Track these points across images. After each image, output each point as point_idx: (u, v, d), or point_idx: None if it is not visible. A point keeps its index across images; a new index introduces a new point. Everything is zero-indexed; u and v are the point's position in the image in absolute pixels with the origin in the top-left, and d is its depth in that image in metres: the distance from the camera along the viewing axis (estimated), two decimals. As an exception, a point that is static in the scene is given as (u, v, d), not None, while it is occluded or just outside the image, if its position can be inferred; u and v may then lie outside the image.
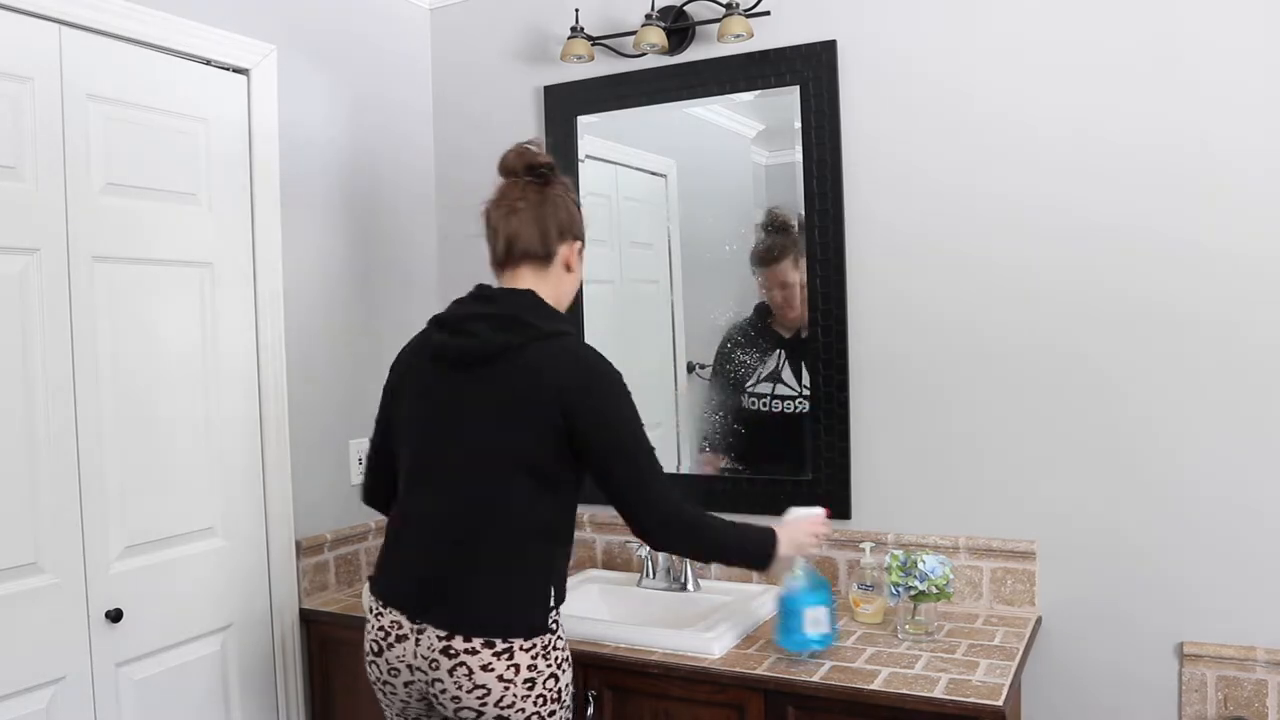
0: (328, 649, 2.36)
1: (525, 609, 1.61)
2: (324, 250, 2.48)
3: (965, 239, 2.16)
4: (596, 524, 2.60)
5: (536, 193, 1.68)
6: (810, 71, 2.29)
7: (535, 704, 1.59)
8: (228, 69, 2.22)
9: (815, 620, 1.86)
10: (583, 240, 1.75)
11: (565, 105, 2.60)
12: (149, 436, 2.03)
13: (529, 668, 1.59)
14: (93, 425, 1.92)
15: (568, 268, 1.72)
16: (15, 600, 1.78)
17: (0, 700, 1.75)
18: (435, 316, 1.73)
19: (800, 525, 1.79)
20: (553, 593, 1.65)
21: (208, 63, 2.18)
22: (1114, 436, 2.05)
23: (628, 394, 1.65)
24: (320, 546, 2.43)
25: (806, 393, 2.34)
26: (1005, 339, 2.14)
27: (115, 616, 1.93)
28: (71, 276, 1.89)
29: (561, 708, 1.65)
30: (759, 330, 2.42)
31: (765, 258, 2.38)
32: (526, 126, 2.68)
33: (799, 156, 2.31)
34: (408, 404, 1.73)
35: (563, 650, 1.66)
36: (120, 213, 1.98)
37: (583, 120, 2.59)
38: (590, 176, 2.60)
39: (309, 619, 2.36)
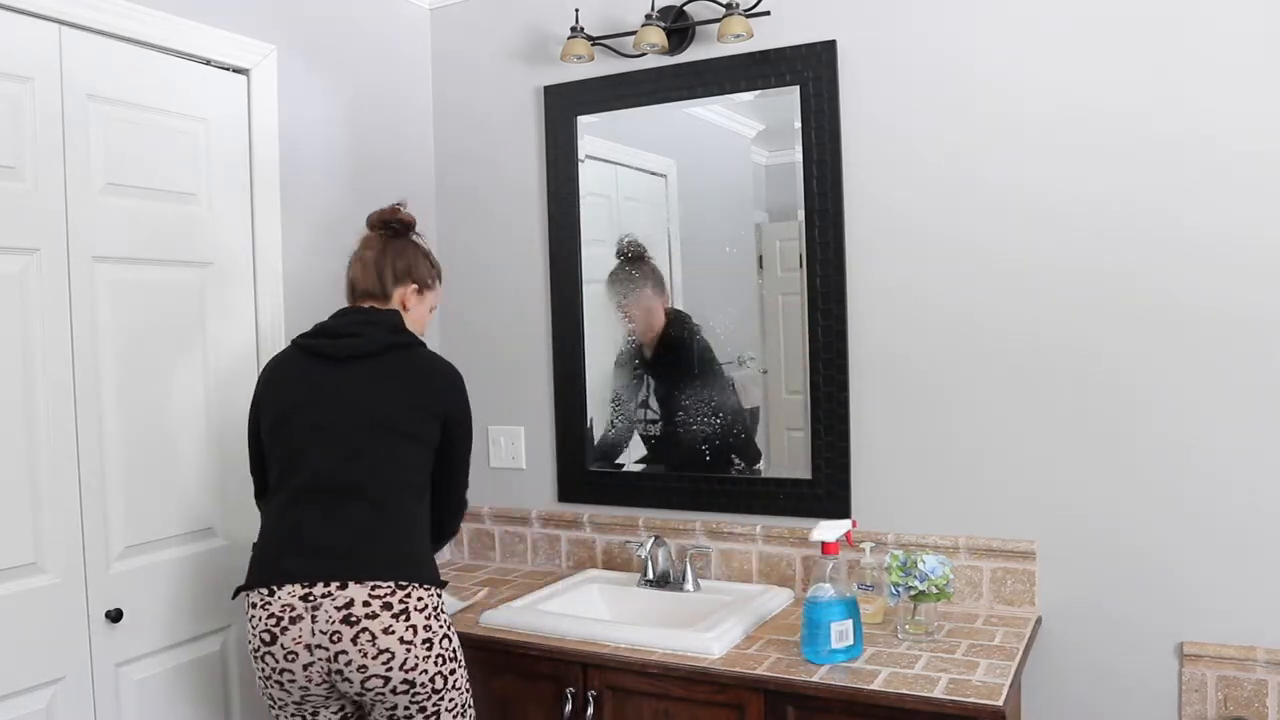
0: (328, 649, 2.36)
1: (420, 557, 1.78)
2: (324, 249, 2.48)
3: (965, 239, 2.17)
4: (596, 524, 2.60)
5: (382, 242, 1.96)
6: (810, 71, 2.29)
7: (436, 664, 1.72)
8: (228, 69, 2.22)
9: (841, 634, 1.86)
10: (422, 286, 1.97)
11: (565, 105, 2.60)
12: (149, 436, 2.04)
13: (424, 628, 1.71)
14: (93, 425, 1.92)
15: (404, 306, 1.95)
16: (15, 600, 1.78)
17: (0, 700, 1.75)
18: (307, 333, 1.91)
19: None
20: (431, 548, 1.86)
21: (208, 63, 2.18)
22: (1114, 436, 2.05)
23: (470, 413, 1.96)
24: (320, 546, 2.42)
25: (660, 417, 2.52)
26: (1006, 339, 2.14)
27: (115, 616, 1.93)
28: (71, 276, 1.89)
29: (459, 666, 1.78)
30: (633, 360, 2.55)
31: (625, 286, 2.56)
32: (526, 126, 2.68)
33: (799, 156, 2.31)
34: (280, 403, 1.85)
35: (447, 613, 1.82)
36: (120, 213, 1.98)
37: (583, 120, 2.59)
38: (590, 176, 2.60)
39: (309, 619, 2.36)
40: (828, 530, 1.92)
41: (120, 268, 1.99)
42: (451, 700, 1.75)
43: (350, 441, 1.77)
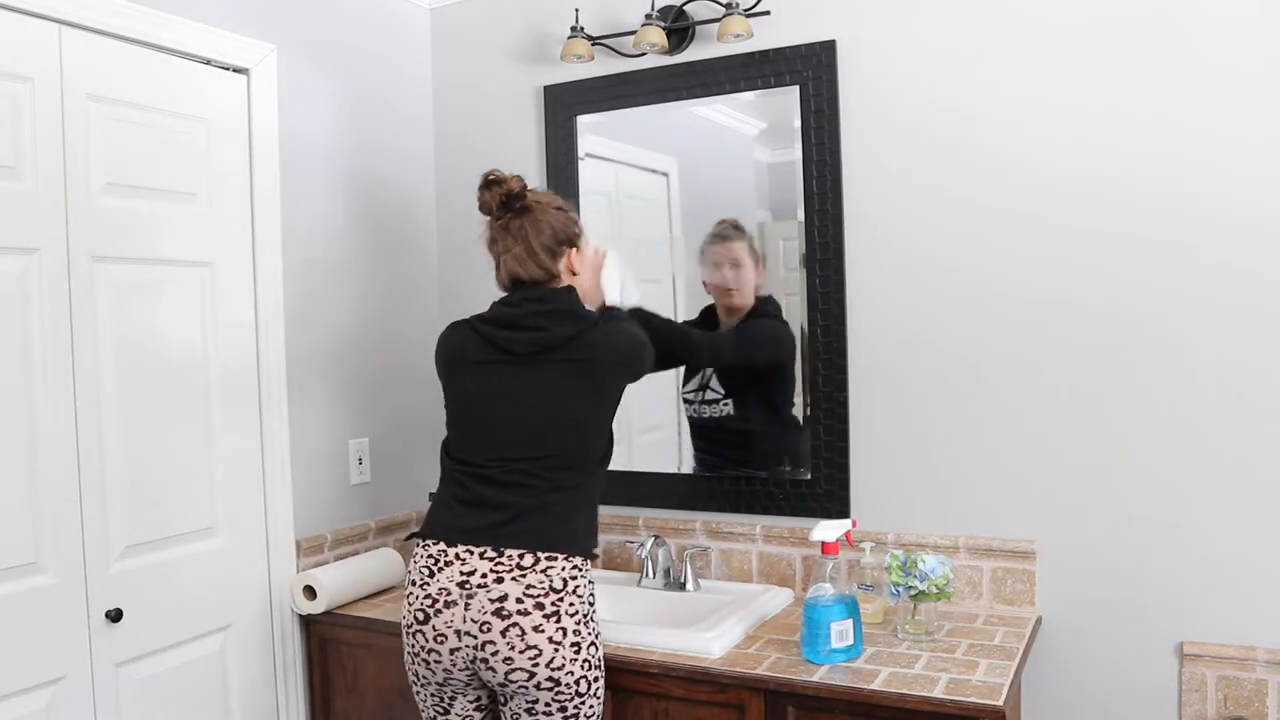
0: (328, 649, 2.36)
1: (586, 532, 1.82)
2: (324, 249, 2.48)
3: (965, 239, 2.16)
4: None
5: (518, 225, 1.86)
6: (810, 71, 2.29)
7: (582, 667, 1.74)
8: (228, 69, 2.22)
9: (841, 633, 1.87)
10: (575, 241, 1.91)
11: (565, 105, 2.60)
12: (149, 437, 2.04)
13: (574, 632, 1.73)
14: (93, 425, 1.92)
15: (572, 272, 1.90)
16: (15, 600, 1.78)
17: (0, 700, 1.75)
18: (484, 316, 1.89)
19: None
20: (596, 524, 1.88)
21: (208, 63, 2.18)
22: (1114, 436, 2.05)
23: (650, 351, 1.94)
24: (320, 546, 2.43)
25: (725, 396, 2.44)
26: (1006, 340, 2.14)
27: (115, 616, 1.93)
28: (71, 276, 1.89)
29: (602, 676, 1.80)
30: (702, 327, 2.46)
31: (719, 236, 2.42)
32: (526, 126, 2.68)
33: (799, 155, 2.30)
34: (463, 387, 1.88)
35: (598, 625, 1.84)
36: (120, 213, 1.98)
37: (583, 120, 2.59)
38: (590, 175, 2.60)
39: (309, 619, 2.36)
40: (828, 530, 1.93)
41: (120, 268, 1.99)
42: (591, 708, 1.77)
43: (528, 436, 1.80)
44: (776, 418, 2.40)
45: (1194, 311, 1.97)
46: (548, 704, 1.73)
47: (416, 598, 1.78)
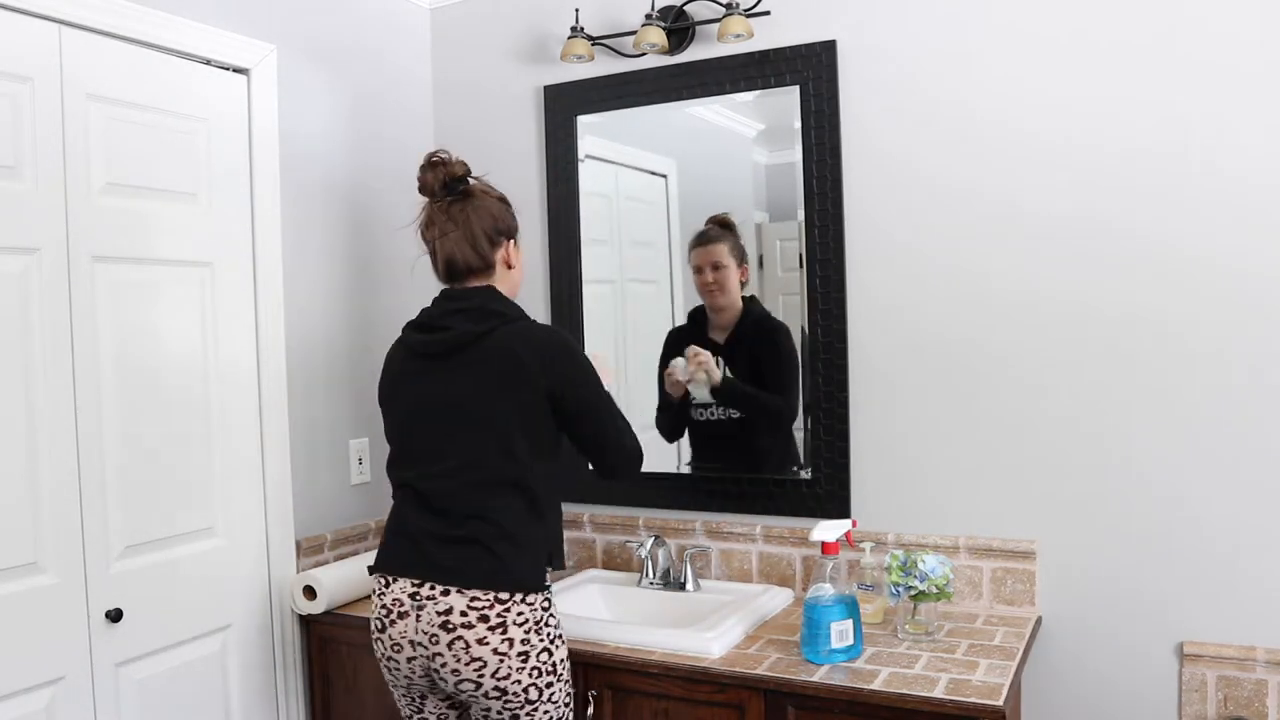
0: (328, 649, 2.36)
1: (520, 567, 1.73)
2: (324, 249, 2.48)
3: (965, 239, 2.17)
4: (597, 524, 2.60)
5: (459, 210, 1.83)
6: (810, 72, 2.29)
7: (530, 675, 1.71)
8: (228, 69, 2.22)
9: (841, 634, 1.87)
10: (514, 234, 1.89)
11: (565, 105, 2.60)
12: (149, 436, 2.03)
13: (522, 641, 1.70)
14: (93, 425, 1.92)
15: (508, 265, 1.88)
16: (15, 600, 1.78)
17: (0, 700, 1.75)
18: (411, 322, 1.89)
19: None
20: (550, 555, 1.81)
21: (208, 63, 2.18)
22: (1114, 436, 2.05)
23: (585, 357, 1.85)
24: (320, 546, 2.43)
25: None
26: (1005, 341, 2.14)
27: (115, 616, 1.93)
28: (71, 276, 1.89)
29: (559, 680, 1.76)
30: (695, 338, 2.45)
31: (701, 238, 2.43)
32: (527, 126, 2.68)
33: (799, 156, 2.31)
34: (399, 398, 1.88)
35: (554, 628, 1.77)
36: (120, 213, 1.98)
37: (583, 120, 2.59)
38: (590, 176, 2.60)
39: (309, 619, 2.36)
40: (828, 530, 1.93)
41: (120, 268, 1.98)
42: (546, 713, 1.75)
43: (450, 442, 1.76)
44: (780, 423, 2.39)
45: (1196, 311, 1.97)
46: (499, 711, 1.72)
47: (376, 606, 1.79)
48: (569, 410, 1.78)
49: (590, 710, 1.98)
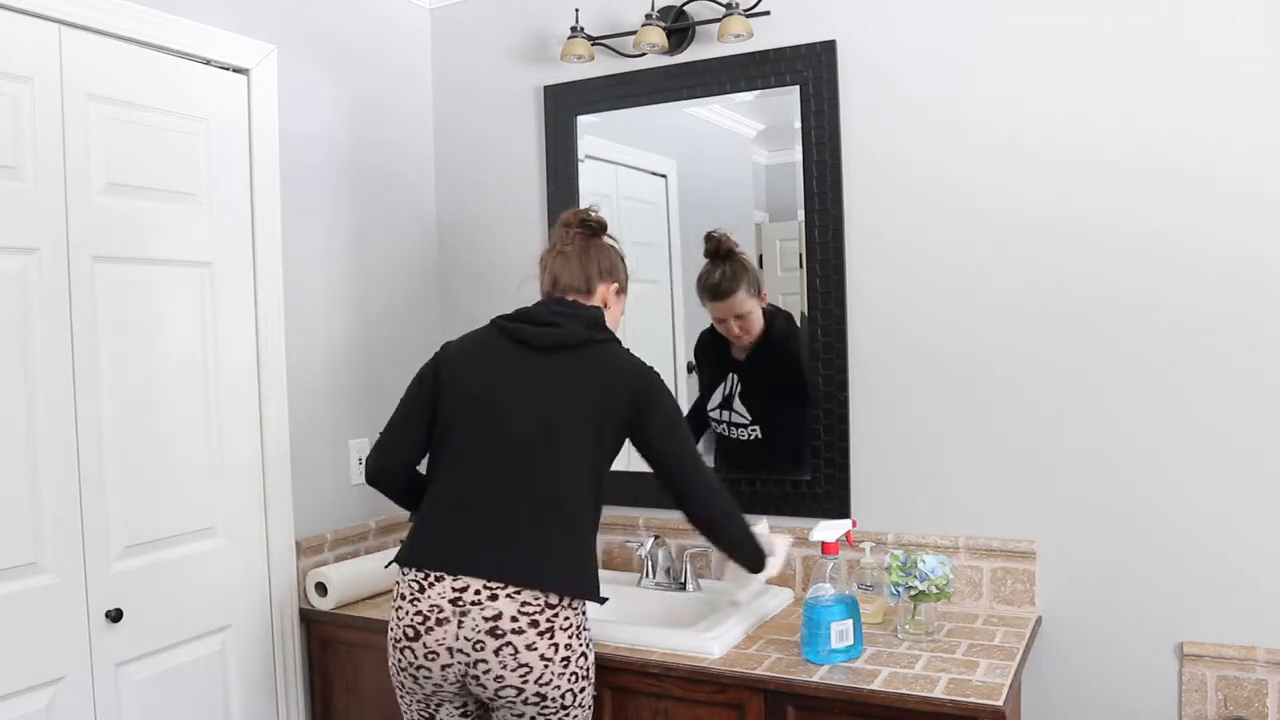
0: (328, 649, 2.36)
1: (576, 569, 1.74)
2: (324, 249, 2.48)
3: (965, 239, 2.17)
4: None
5: (583, 240, 1.93)
6: (810, 71, 2.29)
7: (569, 680, 1.73)
8: (228, 69, 2.22)
9: (841, 634, 1.87)
10: (622, 286, 1.97)
11: (565, 105, 2.60)
12: (149, 436, 2.04)
13: (565, 646, 1.72)
14: (93, 425, 1.92)
15: (605, 304, 1.93)
16: (15, 600, 1.78)
17: (0, 700, 1.75)
18: (507, 314, 1.90)
19: (780, 558, 1.95)
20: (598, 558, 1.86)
21: (208, 63, 2.18)
22: (1114, 436, 2.05)
23: (675, 401, 1.88)
24: (320, 546, 2.43)
25: (753, 422, 2.41)
26: (1005, 340, 2.14)
27: (115, 616, 1.93)
28: (71, 276, 1.89)
29: (589, 684, 1.79)
30: (717, 347, 2.44)
31: (716, 291, 2.38)
32: (526, 126, 2.68)
33: (799, 157, 2.31)
34: (472, 383, 1.84)
35: (589, 631, 1.81)
36: (120, 213, 1.98)
37: (583, 120, 2.59)
38: (590, 176, 2.60)
39: (309, 619, 2.36)
40: (828, 530, 1.93)
41: (120, 268, 1.99)
42: (576, 716, 1.76)
43: (533, 436, 1.76)
44: (801, 438, 2.35)
45: (1195, 311, 1.97)
46: (534, 717, 1.72)
47: (406, 613, 1.73)
48: (652, 446, 1.80)
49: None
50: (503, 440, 1.77)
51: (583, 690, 1.76)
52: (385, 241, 2.67)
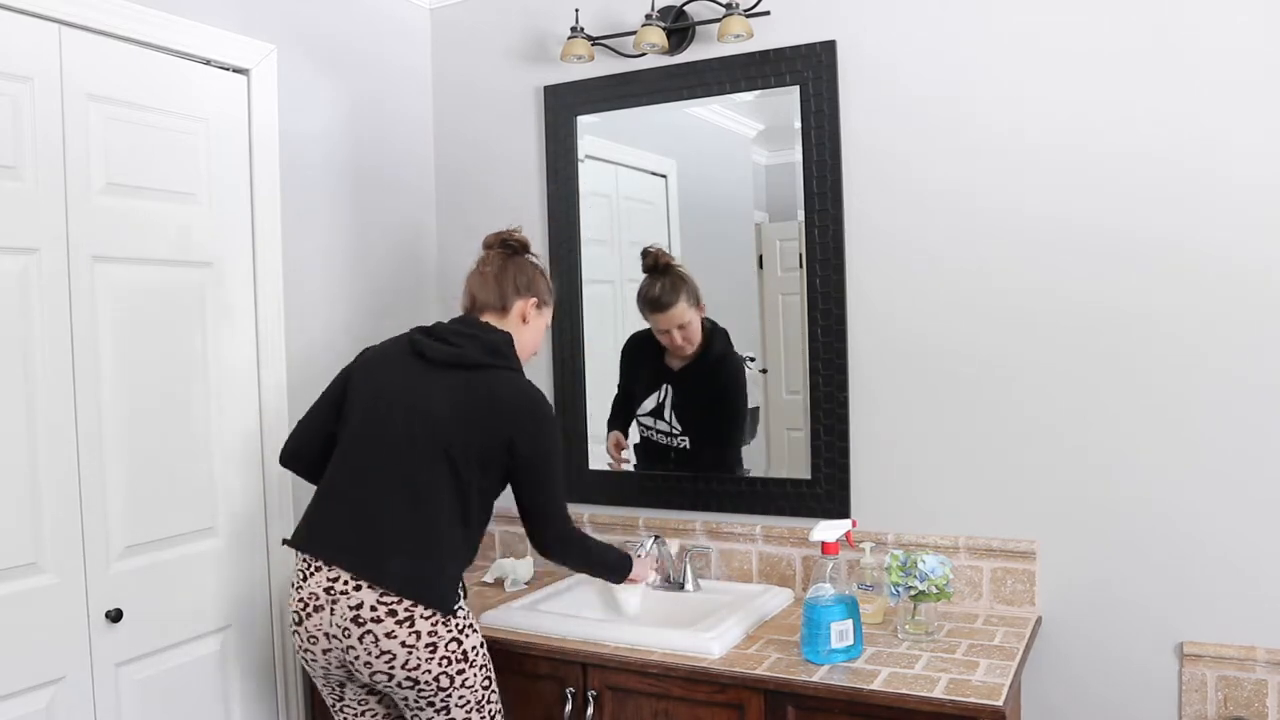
0: (328, 649, 2.36)
1: (434, 580, 1.79)
2: (324, 250, 2.48)
3: (965, 239, 2.17)
4: (597, 524, 2.60)
5: (501, 259, 2.00)
6: (810, 72, 2.29)
7: (440, 665, 1.77)
8: (228, 69, 2.22)
9: (841, 634, 1.87)
10: (542, 300, 2.02)
11: (565, 105, 2.60)
12: (149, 436, 2.03)
13: (429, 634, 1.76)
14: (93, 425, 1.92)
15: (524, 320, 1.99)
16: (15, 600, 1.78)
17: (0, 700, 1.75)
18: (422, 326, 1.99)
19: (647, 562, 2.21)
20: (463, 583, 1.88)
21: (208, 63, 2.18)
22: (1114, 436, 2.05)
23: (558, 433, 2.02)
24: (320, 546, 2.42)
25: (683, 433, 2.48)
26: (1005, 340, 2.14)
27: (115, 616, 1.93)
28: (71, 276, 1.89)
29: (470, 666, 1.82)
30: (650, 352, 2.48)
31: (657, 304, 2.44)
32: (527, 126, 2.68)
33: (799, 157, 2.31)
34: (368, 387, 1.94)
35: (464, 618, 1.84)
36: (120, 213, 1.98)
37: (583, 120, 2.59)
38: (590, 176, 2.60)
39: (309, 619, 2.36)
40: (828, 530, 1.93)
41: (120, 268, 1.98)
42: (462, 697, 1.81)
43: (407, 445, 1.83)
44: (727, 450, 2.46)
45: (1196, 311, 1.97)
46: (416, 699, 1.80)
47: (294, 598, 1.84)
48: (519, 472, 1.88)
49: (590, 710, 1.98)
50: (380, 444, 1.86)
51: (461, 674, 1.80)
52: (385, 241, 2.67)
